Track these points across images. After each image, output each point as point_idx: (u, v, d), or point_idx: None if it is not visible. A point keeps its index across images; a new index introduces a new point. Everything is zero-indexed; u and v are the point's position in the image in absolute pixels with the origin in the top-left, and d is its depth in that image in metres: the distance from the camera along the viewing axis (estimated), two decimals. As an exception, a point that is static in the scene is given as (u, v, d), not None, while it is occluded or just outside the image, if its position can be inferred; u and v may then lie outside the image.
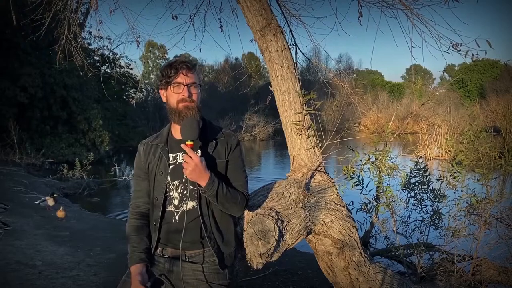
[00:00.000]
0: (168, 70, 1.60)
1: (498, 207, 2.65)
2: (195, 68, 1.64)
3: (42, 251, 3.94)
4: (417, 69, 43.90)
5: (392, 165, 2.57)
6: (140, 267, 1.55)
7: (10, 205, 5.38)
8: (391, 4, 2.67)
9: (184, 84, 1.58)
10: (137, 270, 1.53)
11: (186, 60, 1.62)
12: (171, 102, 1.61)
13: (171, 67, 1.59)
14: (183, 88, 1.58)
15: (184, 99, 1.58)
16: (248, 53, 16.35)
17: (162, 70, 1.63)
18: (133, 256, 1.58)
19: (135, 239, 1.63)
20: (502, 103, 16.06)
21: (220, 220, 1.66)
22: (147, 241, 1.65)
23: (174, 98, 1.60)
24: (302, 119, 2.45)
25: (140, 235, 1.64)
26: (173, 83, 1.59)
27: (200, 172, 1.49)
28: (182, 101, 1.58)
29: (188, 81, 1.59)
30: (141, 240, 1.63)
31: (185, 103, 1.58)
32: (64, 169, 9.44)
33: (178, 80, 1.59)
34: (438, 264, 2.64)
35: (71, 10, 3.16)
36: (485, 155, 2.62)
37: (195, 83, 1.61)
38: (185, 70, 1.59)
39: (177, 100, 1.59)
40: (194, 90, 1.61)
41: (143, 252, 1.60)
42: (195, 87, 1.62)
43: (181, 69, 1.58)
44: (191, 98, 1.60)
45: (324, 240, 2.36)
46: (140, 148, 1.74)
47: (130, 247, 1.62)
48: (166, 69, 1.61)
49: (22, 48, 11.66)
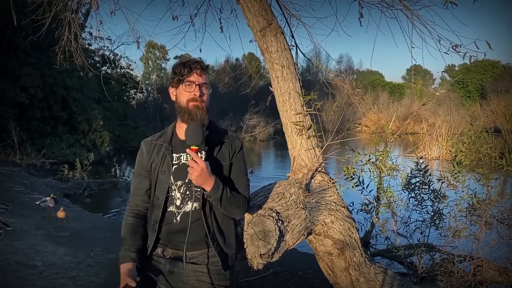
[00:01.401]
0: (182, 69, 1.59)
1: (498, 207, 2.65)
2: (208, 70, 1.64)
3: (42, 251, 3.94)
4: (417, 69, 43.94)
5: (393, 165, 2.57)
6: (129, 265, 1.55)
7: (10, 205, 5.38)
8: (391, 5, 2.67)
9: (196, 83, 1.58)
10: (126, 268, 1.54)
11: (200, 60, 1.61)
12: (181, 101, 1.60)
13: (185, 66, 1.59)
14: (195, 87, 1.58)
15: (195, 98, 1.57)
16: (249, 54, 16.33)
17: (175, 68, 1.62)
18: (123, 255, 1.59)
19: (129, 238, 1.63)
20: (503, 103, 16.09)
21: (221, 221, 1.66)
22: (140, 241, 1.64)
23: (185, 97, 1.59)
24: (303, 119, 2.45)
25: (134, 235, 1.64)
26: (185, 82, 1.58)
27: (205, 177, 1.48)
28: (193, 100, 1.57)
29: (201, 81, 1.59)
30: (135, 240, 1.63)
31: (196, 103, 1.58)
32: (65, 170, 9.45)
33: (191, 79, 1.58)
34: (438, 265, 2.64)
35: (71, 11, 3.16)
36: (486, 156, 2.62)
37: (206, 83, 1.61)
38: (199, 70, 1.58)
39: (188, 99, 1.58)
40: (206, 91, 1.61)
41: (134, 251, 1.60)
42: (206, 88, 1.61)
43: (195, 69, 1.58)
44: (202, 98, 1.59)
45: (324, 241, 2.36)
46: (143, 146, 1.73)
47: (123, 246, 1.62)
48: (179, 67, 1.60)
49: (22, 49, 11.68)
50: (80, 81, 13.67)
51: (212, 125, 1.70)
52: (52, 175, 9.62)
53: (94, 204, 7.89)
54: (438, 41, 2.48)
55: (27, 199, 6.59)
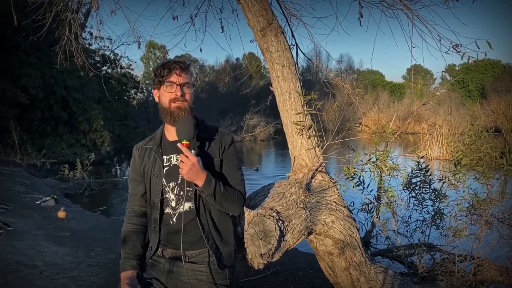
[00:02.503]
0: (161, 70, 1.60)
1: (499, 207, 2.65)
2: (189, 68, 1.65)
3: (42, 251, 3.95)
4: (417, 69, 43.93)
5: (393, 165, 2.57)
6: (129, 273, 1.57)
7: (11, 205, 5.39)
8: (392, 5, 2.67)
9: (177, 83, 1.58)
10: (126, 276, 1.56)
11: (180, 60, 1.62)
12: (163, 102, 1.62)
13: (164, 67, 1.60)
14: (176, 87, 1.58)
15: (176, 99, 1.58)
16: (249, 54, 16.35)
17: (155, 70, 1.64)
18: (124, 263, 1.61)
19: (129, 245, 1.65)
20: (503, 103, 16.08)
21: (218, 220, 1.66)
22: (140, 247, 1.66)
23: (167, 98, 1.60)
24: (303, 119, 2.45)
25: (133, 241, 1.66)
26: (166, 83, 1.59)
27: (197, 171, 1.49)
28: (175, 100, 1.58)
29: (181, 81, 1.59)
30: (134, 247, 1.64)
31: (177, 103, 1.59)
32: (65, 170, 9.45)
33: (171, 80, 1.59)
34: (439, 264, 2.64)
35: (72, 11, 3.16)
36: (487, 155, 2.62)
37: (188, 83, 1.61)
38: (179, 70, 1.59)
39: (170, 100, 1.59)
40: (187, 90, 1.62)
41: (134, 258, 1.62)
42: (188, 87, 1.62)
43: (174, 69, 1.59)
44: (184, 98, 1.60)
45: (325, 241, 2.36)
46: (135, 152, 1.74)
47: (123, 253, 1.64)
48: (159, 69, 1.62)
49: (23, 49, 11.67)
50: (81, 81, 13.66)
51: (200, 122, 1.70)
52: (52, 175, 9.62)
53: (94, 204, 7.89)
54: (439, 40, 2.48)
55: (27, 199, 6.60)
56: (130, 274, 1.57)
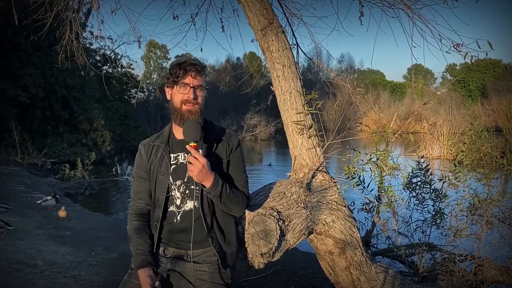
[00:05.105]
0: (177, 70, 1.59)
1: (500, 207, 2.64)
2: (204, 71, 1.64)
3: (43, 250, 3.95)
4: (418, 68, 43.91)
5: (394, 165, 2.57)
6: (147, 270, 1.55)
7: (11, 205, 5.39)
8: (392, 4, 2.66)
9: (191, 85, 1.58)
10: (145, 273, 1.54)
11: (196, 62, 1.61)
12: (175, 101, 1.61)
13: (181, 67, 1.59)
14: (189, 89, 1.58)
15: (188, 100, 1.58)
16: (250, 53, 16.34)
17: (171, 69, 1.62)
18: (139, 259, 1.58)
19: (138, 241, 1.63)
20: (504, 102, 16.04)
21: (222, 220, 1.66)
22: (150, 242, 1.65)
23: (179, 98, 1.59)
24: (304, 118, 2.45)
25: (142, 237, 1.64)
26: (180, 83, 1.59)
27: (206, 173, 1.49)
28: (187, 102, 1.58)
29: (195, 84, 1.59)
30: (145, 242, 1.63)
31: (189, 106, 1.58)
32: (66, 169, 9.46)
33: (186, 81, 1.58)
34: (439, 264, 2.64)
35: (72, 10, 3.16)
36: (487, 155, 2.62)
37: (201, 85, 1.61)
38: (194, 72, 1.58)
39: (182, 100, 1.59)
40: (200, 93, 1.61)
41: (148, 255, 1.60)
42: (201, 90, 1.61)
43: (190, 71, 1.58)
44: (196, 101, 1.59)
45: (325, 240, 2.36)
46: (141, 148, 1.73)
47: (134, 249, 1.62)
48: (175, 68, 1.60)
49: (23, 49, 11.68)
50: (81, 81, 13.66)
51: (209, 124, 1.71)
52: (53, 174, 9.63)
53: (95, 203, 7.90)
54: (439, 40, 2.48)
55: (28, 199, 6.61)
56: (149, 272, 1.55)
